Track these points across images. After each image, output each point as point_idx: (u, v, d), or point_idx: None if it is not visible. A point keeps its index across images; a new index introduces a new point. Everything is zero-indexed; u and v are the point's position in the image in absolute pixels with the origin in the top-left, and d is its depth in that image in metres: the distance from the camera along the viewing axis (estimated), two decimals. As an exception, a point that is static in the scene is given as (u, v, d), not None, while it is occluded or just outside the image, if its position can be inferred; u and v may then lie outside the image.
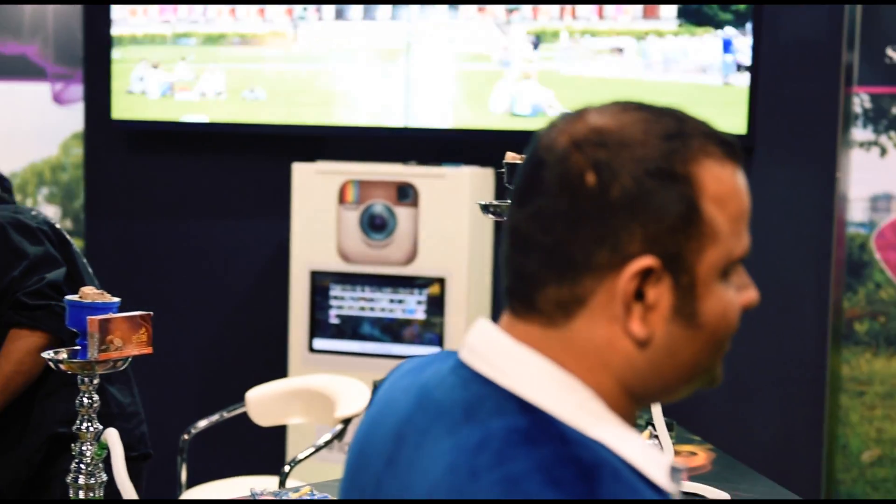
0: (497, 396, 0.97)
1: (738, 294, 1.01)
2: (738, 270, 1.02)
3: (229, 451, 3.67)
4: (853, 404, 4.06)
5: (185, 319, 4.09)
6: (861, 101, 4.13)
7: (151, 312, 1.79)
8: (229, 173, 4.07)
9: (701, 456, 2.37)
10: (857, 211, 4.17)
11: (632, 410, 1.01)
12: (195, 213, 4.12)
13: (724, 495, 2.10)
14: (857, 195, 4.15)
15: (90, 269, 2.54)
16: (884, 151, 4.13)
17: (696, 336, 0.98)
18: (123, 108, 4.02)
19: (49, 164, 4.37)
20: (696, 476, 2.21)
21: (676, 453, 2.32)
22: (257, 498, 2.06)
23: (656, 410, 2.07)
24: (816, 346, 3.70)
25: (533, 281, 0.99)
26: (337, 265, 3.65)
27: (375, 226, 3.62)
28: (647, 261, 0.95)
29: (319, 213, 3.65)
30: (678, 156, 0.97)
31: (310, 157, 3.84)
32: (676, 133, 0.98)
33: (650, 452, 0.97)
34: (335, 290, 3.67)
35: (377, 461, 1.04)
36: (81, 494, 1.75)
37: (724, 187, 0.98)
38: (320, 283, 3.68)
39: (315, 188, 3.67)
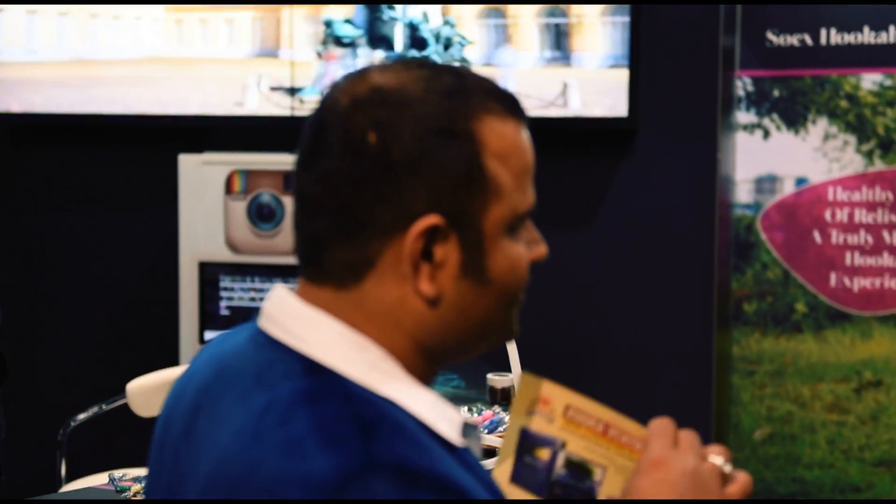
0: (288, 360, 0.98)
1: (528, 249, 1.04)
2: (527, 225, 1.05)
3: (113, 444, 3.66)
4: (744, 384, 4.16)
5: (73, 315, 4.06)
6: (744, 84, 4.23)
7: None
8: (114, 165, 4.06)
9: None
10: (742, 193, 4.27)
11: (429, 369, 1.03)
12: (80, 207, 4.10)
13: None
14: (742, 177, 4.25)
15: None
16: (767, 134, 4.24)
17: (486, 292, 1.00)
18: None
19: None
20: None
21: None
22: (117, 483, 2.09)
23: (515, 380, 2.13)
24: (703, 326, 3.78)
25: (321, 244, 1.00)
26: (226, 256, 3.66)
27: (263, 216, 3.63)
28: (431, 219, 0.96)
29: (207, 205, 3.65)
30: (458, 113, 0.98)
31: (196, 148, 3.84)
32: (456, 90, 1.00)
33: (441, 409, 0.99)
34: (225, 282, 3.67)
35: (176, 434, 1.05)
36: None
37: (506, 143, 1.00)
38: (209, 275, 3.68)
39: (202, 179, 3.67)
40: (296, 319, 1.00)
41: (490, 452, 2.13)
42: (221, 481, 0.93)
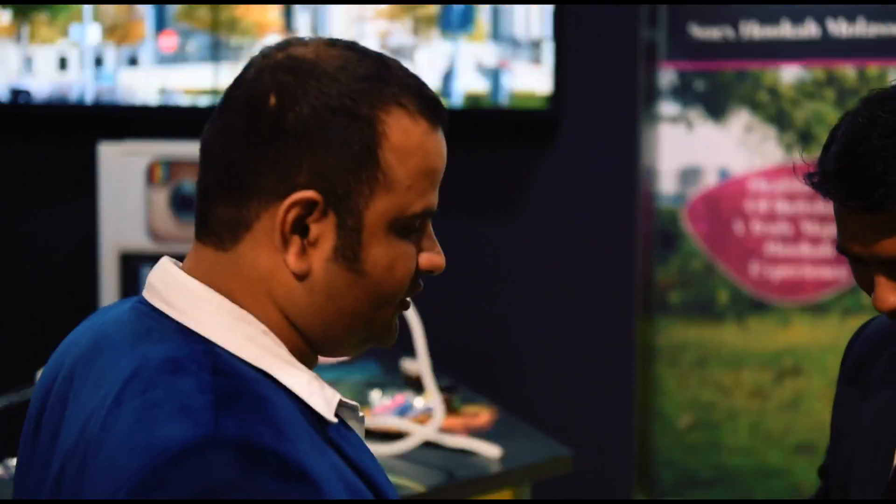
0: (164, 330, 0.99)
1: (422, 255, 1.03)
2: (427, 232, 1.04)
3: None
4: (668, 372, 4.21)
5: None
6: (667, 76, 4.28)
7: None
8: (30, 154, 4.01)
9: (483, 416, 2.44)
10: (666, 184, 4.32)
11: (307, 349, 1.03)
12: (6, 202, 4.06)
13: (495, 451, 2.17)
14: (666, 168, 4.30)
15: None
16: (691, 126, 4.30)
17: (357, 282, 0.99)
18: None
19: None
20: (474, 433, 2.27)
21: (455, 412, 2.38)
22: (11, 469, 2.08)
23: (424, 367, 2.14)
24: (626, 316, 3.82)
25: (208, 198, 1.01)
26: (147, 246, 3.62)
27: (185, 205, 3.61)
28: (309, 194, 0.96)
29: (128, 194, 3.62)
30: (367, 97, 0.98)
31: (116, 136, 3.80)
32: (373, 76, 0.99)
33: (317, 386, 1.00)
34: (146, 272, 3.64)
35: (56, 404, 1.05)
36: None
37: (410, 141, 0.99)
38: (131, 265, 3.65)
39: (122, 168, 3.63)
40: (177, 290, 1.00)
41: (395, 436, 2.15)
42: (83, 444, 0.93)
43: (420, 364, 2.15)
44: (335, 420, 1.00)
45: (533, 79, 3.71)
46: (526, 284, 3.86)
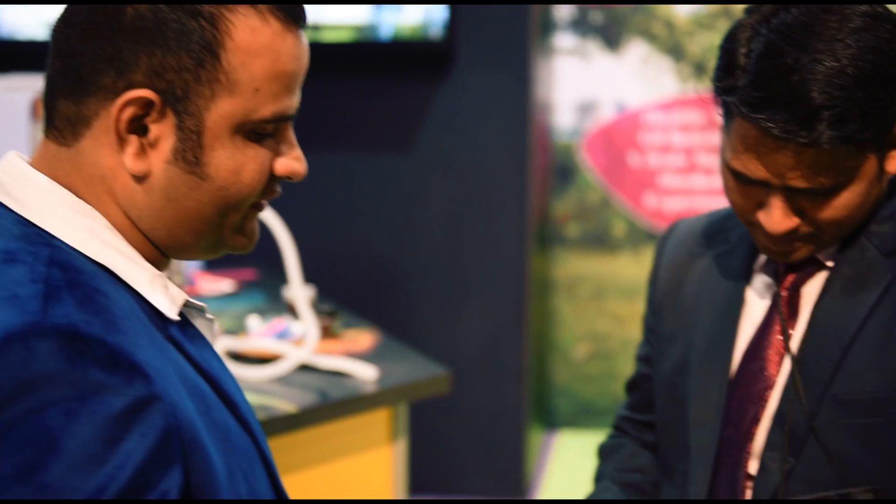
0: (3, 221, 0.98)
1: (278, 160, 1.01)
2: (285, 137, 1.02)
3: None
4: (565, 304, 4.27)
5: None
6: (564, 9, 4.31)
7: None
8: None
9: (364, 340, 2.45)
10: (564, 116, 4.36)
11: (154, 251, 1.02)
12: None
13: (370, 372, 2.19)
14: (564, 101, 4.34)
15: None
16: (587, 58, 4.33)
17: (200, 185, 0.98)
18: None
19: None
20: (353, 356, 2.28)
21: (335, 336, 2.40)
22: None
23: (296, 291, 2.14)
24: (520, 249, 3.86)
25: (52, 91, 0.99)
26: (33, 183, 3.57)
27: (72, 141, 3.56)
28: (143, 93, 0.94)
29: (11, 130, 3.54)
30: None
31: None
32: None
33: (159, 283, 1.00)
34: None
35: None
36: None
37: (258, 42, 0.96)
38: (17, 203, 3.59)
39: (4, 104, 3.55)
40: (21, 183, 0.99)
41: (272, 360, 2.15)
42: None
43: (293, 289, 2.15)
44: (177, 318, 1.00)
45: (427, 12, 3.70)
46: (420, 216, 3.87)
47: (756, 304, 1.38)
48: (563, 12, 4.38)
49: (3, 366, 0.87)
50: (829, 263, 1.33)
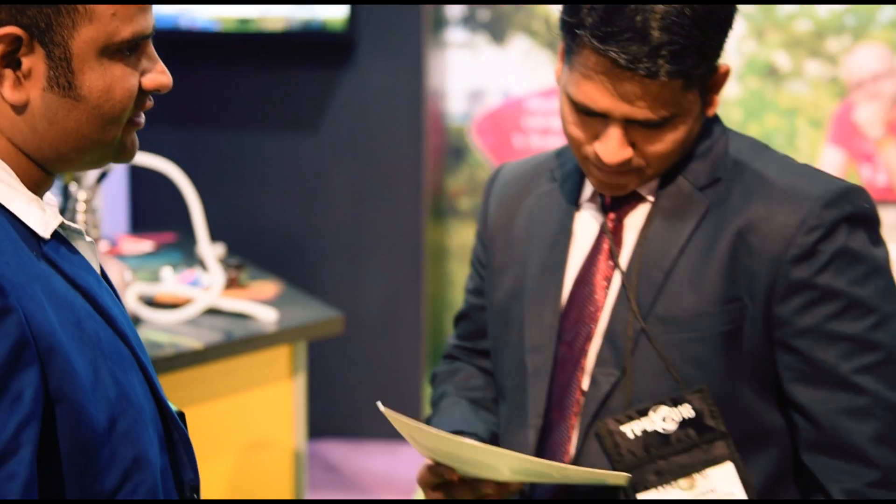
0: None
1: (145, 76, 1.03)
2: (148, 55, 1.04)
3: None
4: (459, 269, 4.47)
5: None
6: (455, 7, 4.50)
7: None
8: None
9: (269, 290, 2.62)
10: (455, 103, 4.56)
11: (38, 173, 1.04)
12: None
13: (271, 314, 2.35)
14: (456, 89, 4.54)
15: None
16: (476, 51, 4.53)
17: (77, 107, 1.00)
18: None
19: None
20: (257, 302, 2.44)
21: (242, 286, 2.55)
22: None
23: (203, 244, 2.29)
24: (415, 220, 4.02)
25: None
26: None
27: None
28: (9, 29, 0.96)
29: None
30: None
31: None
32: None
33: (35, 207, 1.01)
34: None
35: None
36: None
37: None
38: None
39: None
40: None
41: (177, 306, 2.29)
42: None
43: (200, 244, 2.29)
44: (47, 237, 1.01)
45: (330, 9, 3.83)
46: (326, 192, 4.00)
47: (583, 234, 1.40)
48: (454, 11, 4.56)
49: None
50: (650, 197, 1.36)
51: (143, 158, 2.05)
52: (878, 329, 1.26)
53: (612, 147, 1.27)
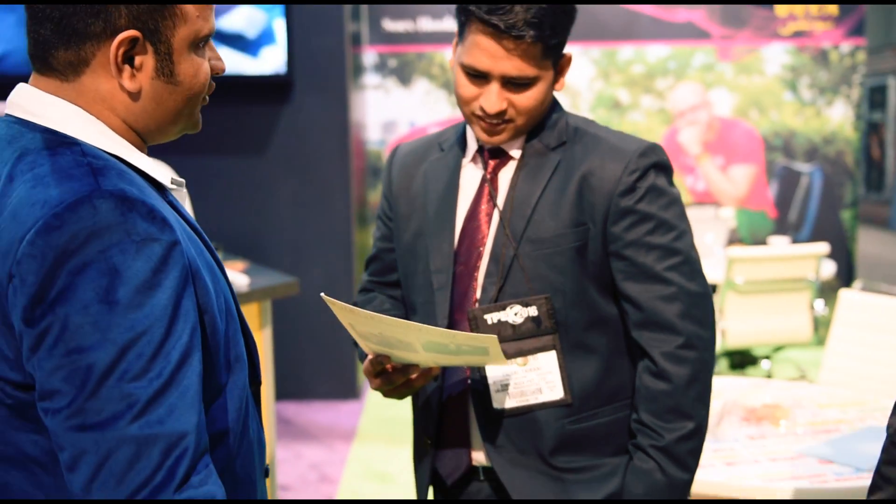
0: (34, 129, 1.01)
1: (210, 62, 1.09)
2: (210, 47, 1.09)
3: None
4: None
5: None
6: (370, 57, 4.81)
7: None
8: None
9: (238, 265, 2.90)
10: (373, 132, 4.88)
11: (141, 143, 1.08)
12: None
13: (242, 279, 2.60)
14: (373, 121, 4.85)
15: None
16: (388, 91, 4.85)
17: (175, 90, 1.04)
18: None
19: None
20: (232, 271, 2.69)
21: None
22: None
23: None
24: (345, 225, 4.22)
25: (47, 45, 1.01)
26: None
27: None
28: (130, 33, 0.99)
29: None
30: None
31: None
32: None
33: (156, 165, 1.07)
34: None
35: None
36: None
37: None
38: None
39: None
40: (40, 103, 1.02)
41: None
42: (12, 219, 0.95)
43: None
44: (173, 187, 1.08)
45: (275, 56, 4.03)
46: (272, 203, 4.18)
47: (468, 185, 1.51)
48: (370, 58, 4.83)
49: (77, 219, 0.91)
50: (516, 155, 1.48)
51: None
52: (678, 240, 1.42)
53: (492, 99, 1.39)
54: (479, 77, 1.39)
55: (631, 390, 1.46)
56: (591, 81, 4.93)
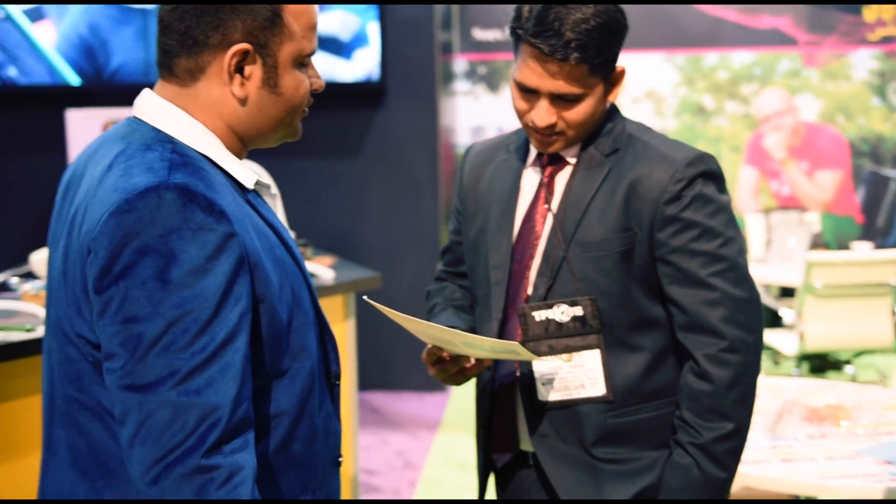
0: (143, 129, 1.10)
1: (310, 79, 1.16)
2: (311, 66, 1.16)
3: None
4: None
5: None
6: (461, 64, 4.87)
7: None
8: (24, 122, 4.23)
9: (327, 260, 2.98)
10: (462, 136, 4.92)
11: (240, 147, 1.15)
12: (2, 157, 4.34)
13: (329, 273, 2.67)
14: (462, 126, 4.90)
15: None
16: (477, 98, 4.89)
17: (278, 100, 1.11)
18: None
19: None
20: (321, 265, 2.76)
21: (309, 258, 2.88)
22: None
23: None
24: (433, 224, 4.27)
25: (171, 54, 1.09)
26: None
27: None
28: (244, 46, 1.08)
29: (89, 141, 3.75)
30: None
31: (81, 105, 4.07)
32: None
33: (240, 168, 1.12)
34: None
35: (76, 178, 1.13)
36: None
37: (299, 6, 1.12)
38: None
39: (86, 130, 3.78)
40: (151, 105, 1.11)
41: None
42: (89, 194, 1.06)
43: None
44: (252, 188, 1.13)
45: (368, 60, 4.07)
46: (365, 203, 4.24)
47: (528, 188, 1.54)
48: (460, 67, 4.88)
49: (144, 205, 0.99)
50: (572, 161, 1.50)
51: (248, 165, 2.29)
52: (724, 247, 1.42)
53: (541, 114, 1.42)
54: (529, 93, 1.42)
55: (675, 389, 1.46)
56: (676, 87, 4.89)
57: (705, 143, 4.95)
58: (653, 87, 4.91)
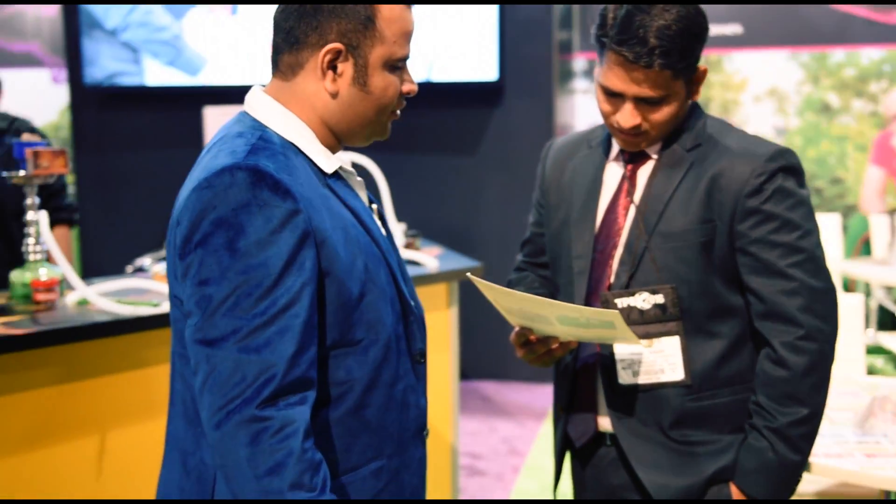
0: (245, 120, 1.19)
1: (402, 83, 1.21)
2: (405, 70, 1.21)
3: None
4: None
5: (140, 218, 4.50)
6: (580, 63, 4.82)
7: (65, 150, 2.12)
8: (168, 120, 4.52)
9: (435, 251, 3.01)
10: None
11: (333, 139, 1.21)
12: (148, 150, 4.54)
13: (433, 262, 2.70)
14: (581, 124, 4.87)
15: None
16: (594, 95, 4.82)
17: (367, 98, 1.18)
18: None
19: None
20: (427, 255, 2.80)
21: (417, 249, 2.92)
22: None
23: (389, 216, 2.61)
24: None
25: (278, 50, 1.19)
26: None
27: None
28: (338, 45, 1.15)
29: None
30: None
31: (218, 102, 4.25)
32: None
33: (323, 155, 1.19)
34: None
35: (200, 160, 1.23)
36: None
37: (394, 13, 1.18)
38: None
39: (220, 125, 3.92)
40: (256, 100, 1.20)
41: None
42: (194, 172, 1.16)
43: (388, 218, 2.57)
44: (329, 172, 1.18)
45: (487, 59, 4.12)
46: (481, 198, 4.27)
47: (610, 182, 1.57)
48: (579, 65, 4.83)
49: (219, 182, 1.07)
50: (654, 156, 1.52)
51: (356, 157, 2.34)
52: (802, 239, 1.43)
53: (626, 116, 1.45)
54: (614, 96, 1.44)
55: (751, 375, 1.47)
56: (799, 85, 4.71)
57: (829, 142, 4.76)
58: (775, 85, 4.73)
